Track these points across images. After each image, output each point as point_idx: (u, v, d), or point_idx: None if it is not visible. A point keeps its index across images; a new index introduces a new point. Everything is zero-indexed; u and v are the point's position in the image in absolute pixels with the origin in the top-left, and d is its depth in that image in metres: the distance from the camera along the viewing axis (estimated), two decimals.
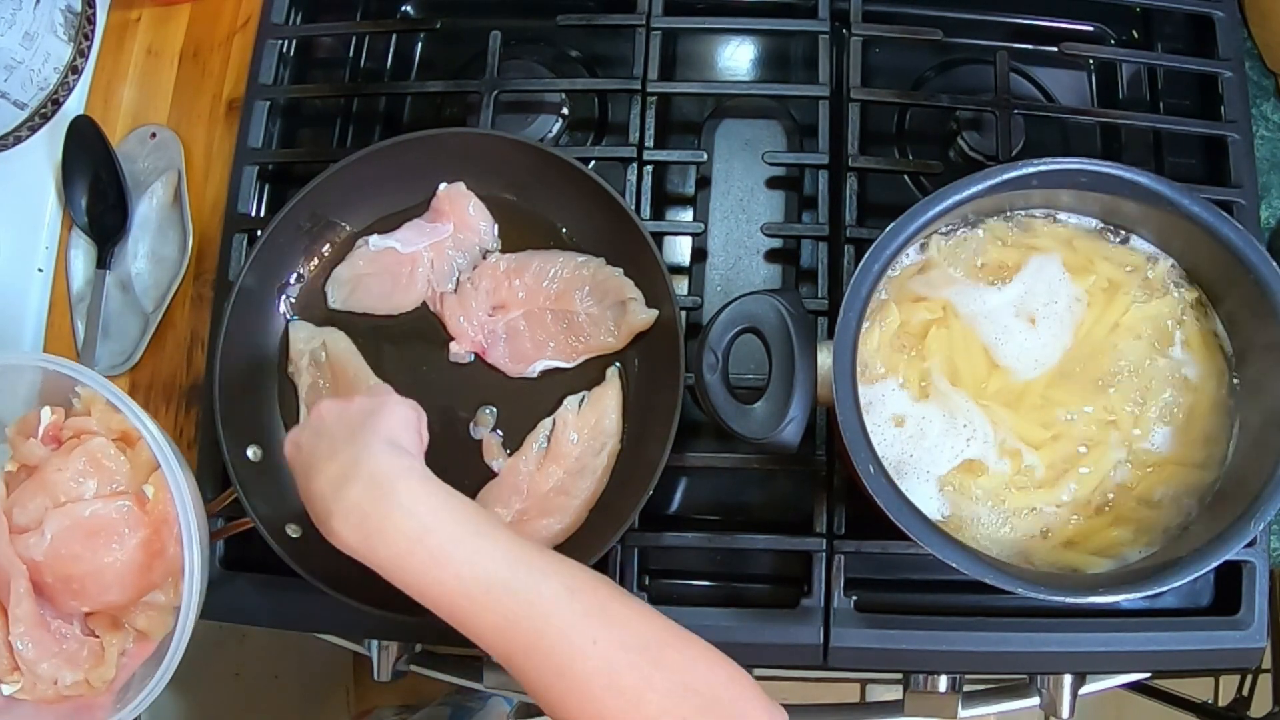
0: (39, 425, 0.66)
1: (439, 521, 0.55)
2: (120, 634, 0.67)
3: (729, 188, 0.83)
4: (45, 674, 0.64)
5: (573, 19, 0.82)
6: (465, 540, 0.54)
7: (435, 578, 0.54)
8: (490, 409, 0.75)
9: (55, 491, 0.64)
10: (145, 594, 0.65)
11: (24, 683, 0.63)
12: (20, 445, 0.66)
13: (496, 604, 0.53)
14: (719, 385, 0.60)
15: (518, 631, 0.53)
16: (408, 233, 0.77)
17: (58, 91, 0.87)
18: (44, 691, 0.64)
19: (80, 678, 0.65)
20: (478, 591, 0.53)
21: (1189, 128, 0.79)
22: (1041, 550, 0.63)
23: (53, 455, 0.65)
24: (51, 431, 0.67)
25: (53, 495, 0.64)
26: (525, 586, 0.53)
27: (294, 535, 0.71)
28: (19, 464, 0.67)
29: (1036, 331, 0.65)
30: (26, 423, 0.67)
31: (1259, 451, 0.62)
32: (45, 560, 0.63)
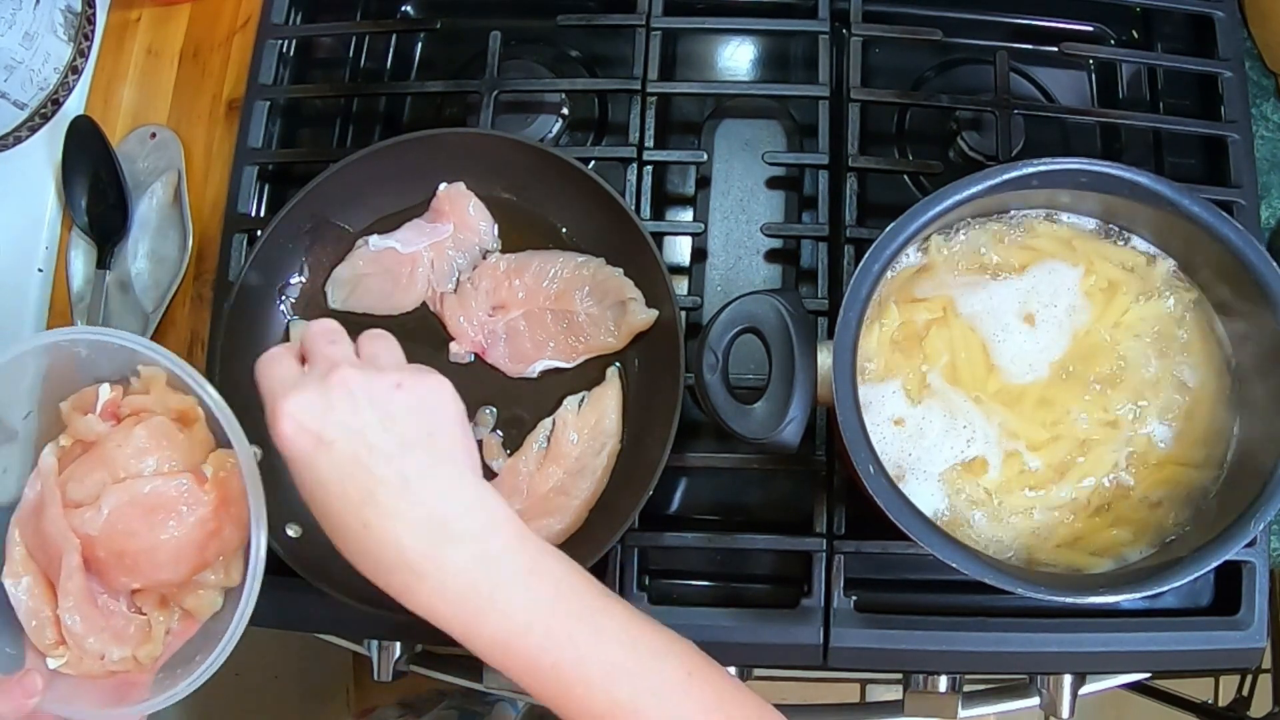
0: (97, 401, 0.65)
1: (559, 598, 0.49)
2: (167, 612, 0.66)
3: (729, 188, 0.83)
4: (92, 649, 0.63)
5: (573, 19, 0.82)
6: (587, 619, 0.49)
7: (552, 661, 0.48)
8: (490, 409, 0.75)
9: (114, 467, 0.63)
10: (197, 573, 0.64)
11: (69, 657, 0.62)
12: (77, 420, 0.65)
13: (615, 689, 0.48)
14: (719, 385, 0.60)
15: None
16: (408, 233, 0.77)
17: (58, 91, 0.87)
18: (89, 667, 0.63)
19: (127, 654, 0.64)
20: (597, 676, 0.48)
21: (1189, 128, 0.79)
22: (1041, 550, 0.63)
23: (112, 430, 0.64)
24: (109, 408, 0.65)
25: (111, 470, 0.63)
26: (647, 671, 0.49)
27: (294, 535, 0.71)
28: (73, 439, 0.65)
29: (1036, 332, 0.65)
30: (83, 398, 0.66)
31: (1259, 451, 0.62)
32: (100, 535, 0.61)
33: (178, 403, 0.65)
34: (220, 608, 0.65)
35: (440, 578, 0.47)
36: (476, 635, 0.48)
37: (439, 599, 0.47)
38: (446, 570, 0.47)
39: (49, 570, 0.63)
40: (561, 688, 0.48)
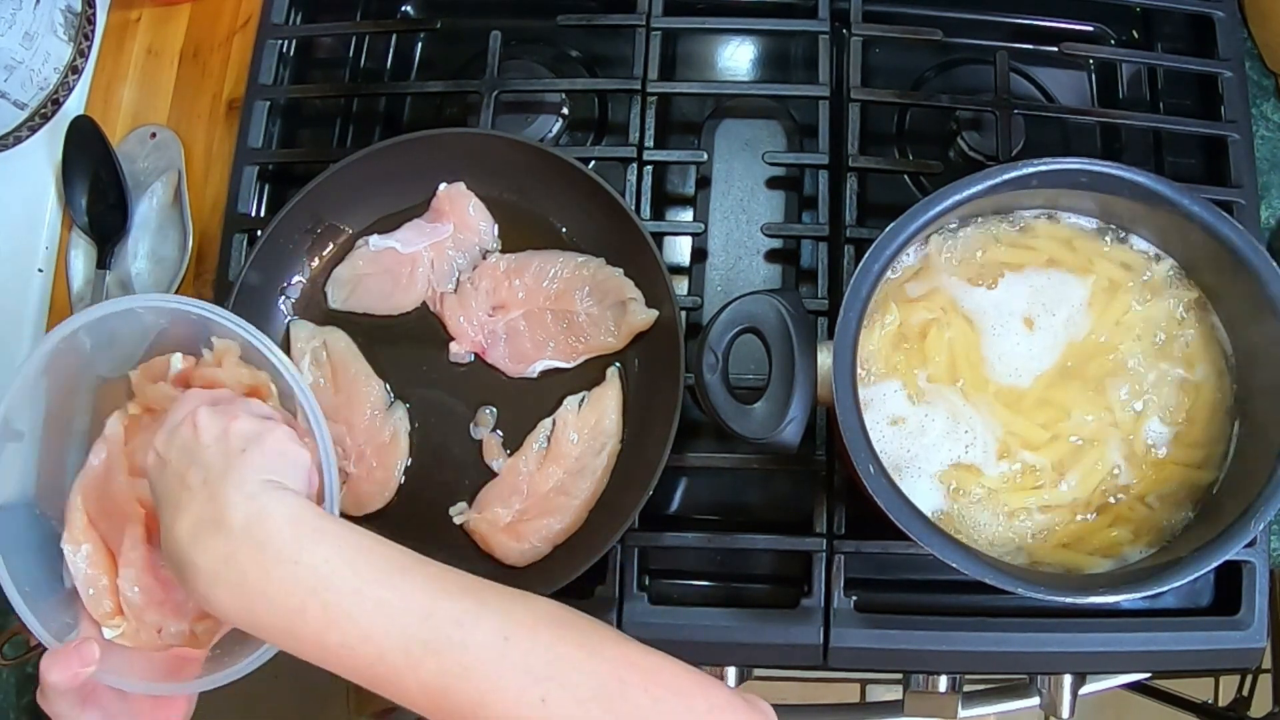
0: (168, 371, 0.64)
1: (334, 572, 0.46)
2: None
3: (729, 188, 0.83)
4: (150, 621, 0.61)
5: (573, 19, 0.82)
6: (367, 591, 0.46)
7: (337, 641, 0.45)
8: (490, 409, 0.75)
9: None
10: None
11: (126, 628, 0.61)
12: (147, 388, 0.64)
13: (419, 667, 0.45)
14: (719, 385, 0.60)
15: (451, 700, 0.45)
16: (408, 233, 0.77)
17: (58, 91, 0.87)
18: (145, 639, 0.62)
19: (184, 628, 0.62)
20: (394, 654, 0.45)
21: (1189, 128, 0.79)
22: (1041, 550, 0.63)
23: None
24: (181, 379, 0.65)
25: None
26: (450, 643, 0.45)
27: None
28: (142, 408, 0.65)
29: (1036, 332, 0.65)
30: (153, 367, 0.65)
31: (1259, 451, 0.61)
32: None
33: (250, 378, 0.64)
34: None
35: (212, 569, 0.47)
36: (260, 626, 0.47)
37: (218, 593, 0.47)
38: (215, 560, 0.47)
39: (111, 539, 0.63)
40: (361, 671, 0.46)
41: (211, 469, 0.50)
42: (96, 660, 0.55)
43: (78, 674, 0.55)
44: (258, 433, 0.52)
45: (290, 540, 0.47)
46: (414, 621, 0.45)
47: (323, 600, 0.46)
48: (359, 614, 0.46)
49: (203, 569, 0.47)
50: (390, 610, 0.46)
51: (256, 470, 0.50)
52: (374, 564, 0.47)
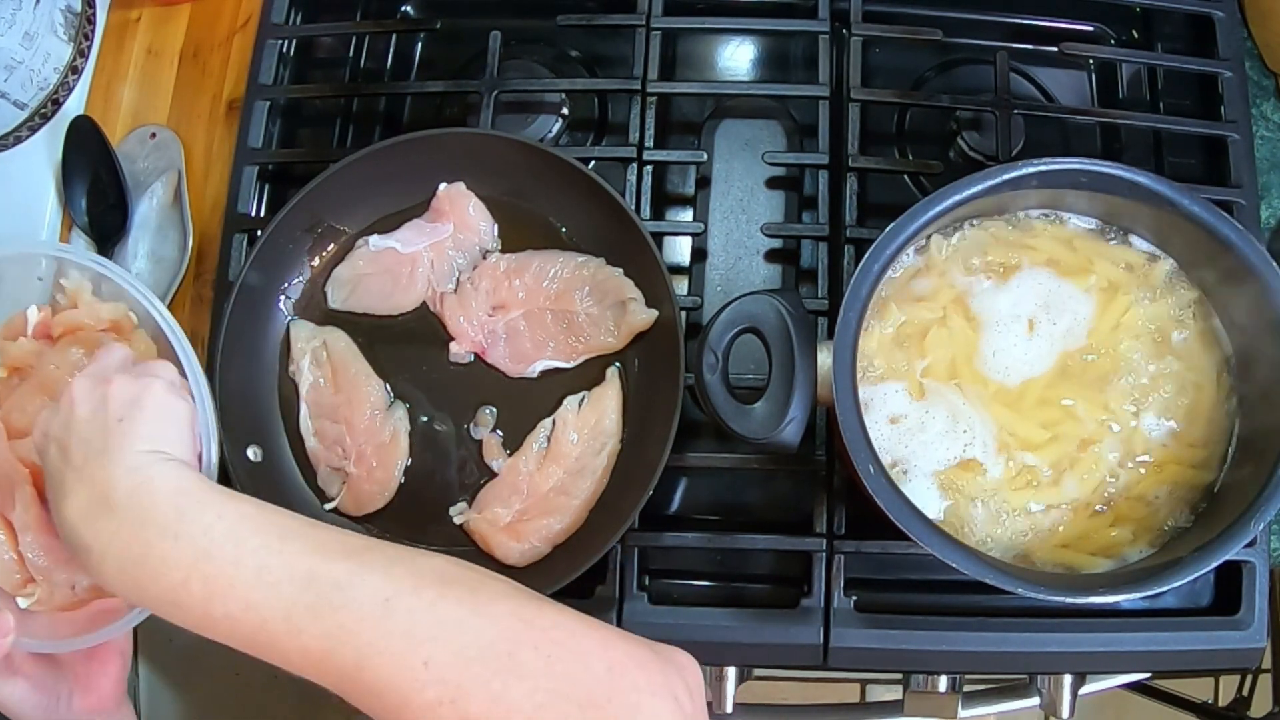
0: (27, 325, 0.65)
1: (214, 543, 0.45)
2: None
3: (729, 188, 0.83)
4: (62, 581, 0.61)
5: (573, 19, 0.82)
6: (248, 559, 0.45)
7: (221, 611, 0.45)
8: (490, 409, 0.75)
9: (53, 388, 0.62)
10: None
11: (40, 594, 0.61)
12: (9, 348, 0.64)
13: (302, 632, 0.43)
14: (719, 385, 0.60)
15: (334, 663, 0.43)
16: (408, 233, 0.77)
17: (58, 91, 0.87)
18: (62, 599, 0.62)
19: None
20: (275, 620, 0.44)
21: (1189, 128, 0.79)
22: (1041, 550, 0.63)
23: (46, 352, 0.63)
24: (41, 329, 0.65)
25: (51, 393, 0.62)
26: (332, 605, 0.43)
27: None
28: (9, 369, 0.64)
29: (1036, 332, 0.65)
30: (12, 325, 0.65)
31: (1259, 451, 0.62)
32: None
33: (109, 312, 0.64)
34: None
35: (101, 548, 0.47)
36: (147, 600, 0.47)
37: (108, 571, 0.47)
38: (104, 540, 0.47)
39: (5, 510, 0.62)
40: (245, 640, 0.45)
41: (91, 445, 0.49)
42: (12, 629, 0.55)
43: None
44: (135, 396, 0.51)
45: (171, 513, 0.46)
46: (295, 587, 0.44)
47: (203, 573, 0.45)
48: (239, 583, 0.45)
49: (92, 548, 0.47)
50: (271, 577, 0.45)
51: (137, 440, 0.49)
52: (256, 530, 0.46)
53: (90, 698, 0.61)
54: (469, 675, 0.42)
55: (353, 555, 0.46)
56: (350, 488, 0.73)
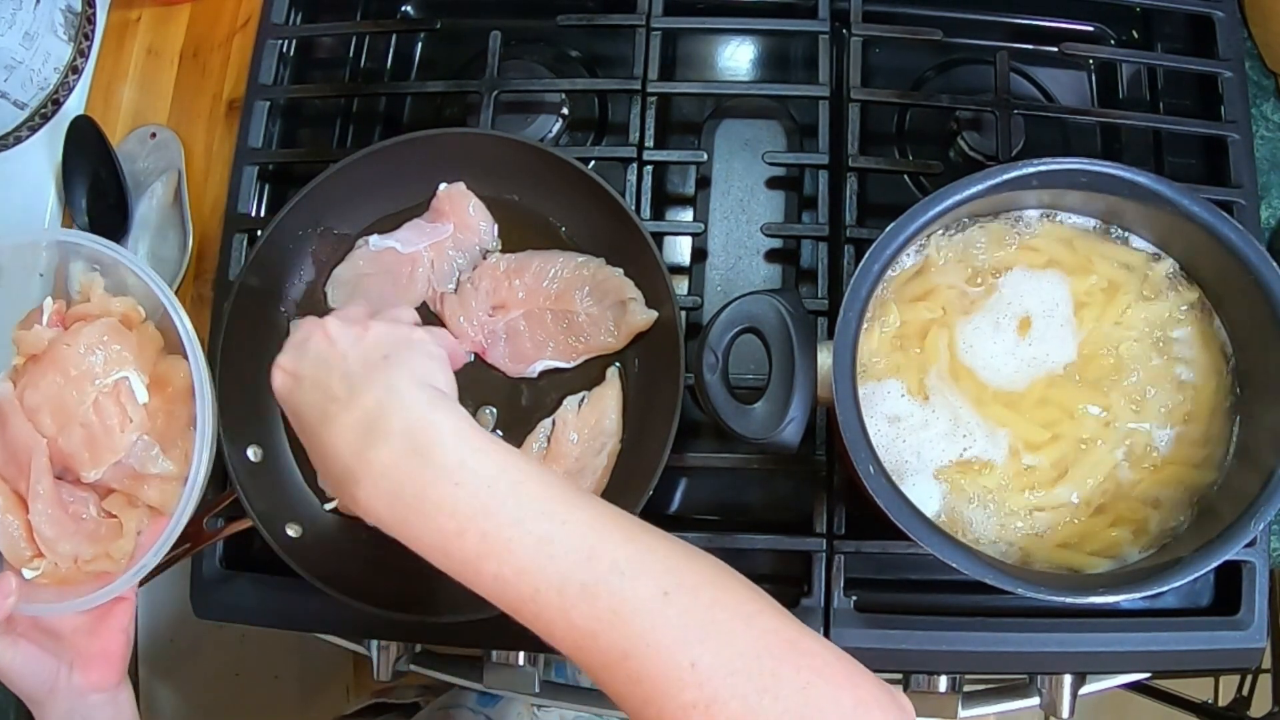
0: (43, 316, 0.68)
1: (495, 496, 0.44)
2: (136, 512, 0.67)
3: (729, 188, 0.83)
4: (66, 552, 0.64)
5: (573, 19, 0.82)
6: (531, 524, 0.44)
7: (493, 571, 0.44)
8: (490, 409, 0.75)
9: (65, 365, 0.65)
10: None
11: (45, 566, 0.64)
12: (25, 336, 0.67)
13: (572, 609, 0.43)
14: (719, 385, 0.60)
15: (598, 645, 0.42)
16: (408, 233, 0.77)
17: (58, 91, 0.87)
18: (66, 572, 0.64)
19: (100, 551, 0.65)
20: (549, 592, 0.43)
21: (1189, 128, 0.79)
22: (1041, 550, 0.63)
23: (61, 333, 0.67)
24: (55, 320, 0.68)
25: (63, 369, 0.65)
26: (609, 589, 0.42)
27: (294, 535, 0.71)
28: (25, 357, 0.68)
29: (1036, 332, 0.65)
30: (29, 319, 0.68)
31: (1259, 451, 0.62)
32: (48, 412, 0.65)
33: (120, 305, 0.68)
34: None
35: (373, 477, 0.45)
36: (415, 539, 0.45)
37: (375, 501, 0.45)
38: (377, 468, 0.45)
39: (18, 484, 0.65)
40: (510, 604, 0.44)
41: (355, 376, 0.48)
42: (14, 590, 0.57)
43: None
44: (399, 337, 0.51)
45: (453, 457, 0.44)
46: (575, 562, 0.43)
47: (481, 528, 0.44)
48: (519, 548, 0.43)
49: (362, 479, 0.45)
50: (552, 548, 0.43)
51: (410, 373, 0.48)
52: (538, 493, 0.45)
53: (91, 674, 0.62)
54: (729, 685, 0.41)
55: (633, 539, 0.45)
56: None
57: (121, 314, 0.68)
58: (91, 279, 0.69)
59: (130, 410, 0.66)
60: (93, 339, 0.66)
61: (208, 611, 0.75)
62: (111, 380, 0.66)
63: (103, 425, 0.65)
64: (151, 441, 0.67)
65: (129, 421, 0.66)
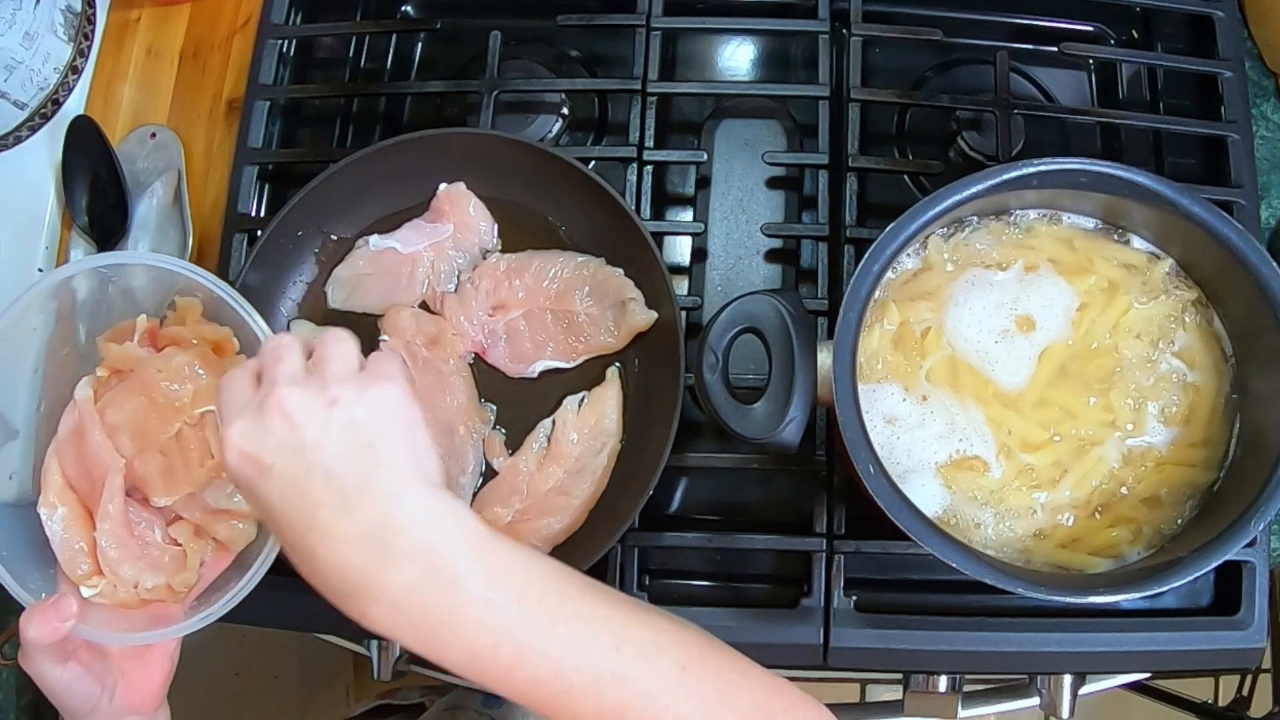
0: (134, 332, 0.66)
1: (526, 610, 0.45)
2: (201, 543, 0.66)
3: (729, 188, 0.83)
4: (127, 576, 0.62)
5: (573, 19, 0.82)
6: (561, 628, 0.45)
7: (527, 675, 0.45)
8: (490, 409, 0.75)
9: (152, 391, 0.63)
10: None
11: (103, 586, 0.62)
12: (113, 349, 0.65)
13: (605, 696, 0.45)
14: (719, 385, 0.60)
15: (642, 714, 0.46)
16: (408, 233, 0.77)
17: (58, 91, 0.87)
18: (123, 596, 0.63)
19: (162, 581, 0.63)
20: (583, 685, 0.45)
21: (1189, 128, 0.79)
22: (1041, 550, 0.63)
23: (151, 356, 0.65)
24: (147, 338, 0.66)
25: (149, 395, 0.63)
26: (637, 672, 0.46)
27: None
28: (110, 370, 0.66)
29: (1036, 333, 0.65)
30: (120, 331, 0.67)
31: (1259, 451, 0.62)
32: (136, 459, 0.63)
33: (213, 333, 0.66)
34: (254, 539, 0.65)
35: (391, 600, 0.44)
36: (442, 656, 0.45)
37: (395, 622, 0.44)
38: (396, 592, 0.44)
39: (89, 499, 0.64)
40: (543, 700, 0.46)
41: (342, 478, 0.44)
42: (74, 614, 0.56)
43: (56, 629, 0.55)
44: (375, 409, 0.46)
45: (478, 579, 0.44)
46: (604, 655, 0.46)
47: (517, 640, 0.45)
48: (552, 650, 0.45)
49: (379, 598, 0.44)
50: (583, 645, 0.46)
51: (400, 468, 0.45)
52: (562, 594, 0.46)
53: (134, 696, 0.61)
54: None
55: (648, 623, 0.48)
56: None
57: (214, 342, 0.66)
58: (190, 302, 0.66)
59: (213, 445, 0.64)
60: (184, 369, 0.64)
61: None
62: (198, 413, 0.64)
63: (183, 456, 0.64)
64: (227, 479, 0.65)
65: (210, 457, 0.64)
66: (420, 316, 0.75)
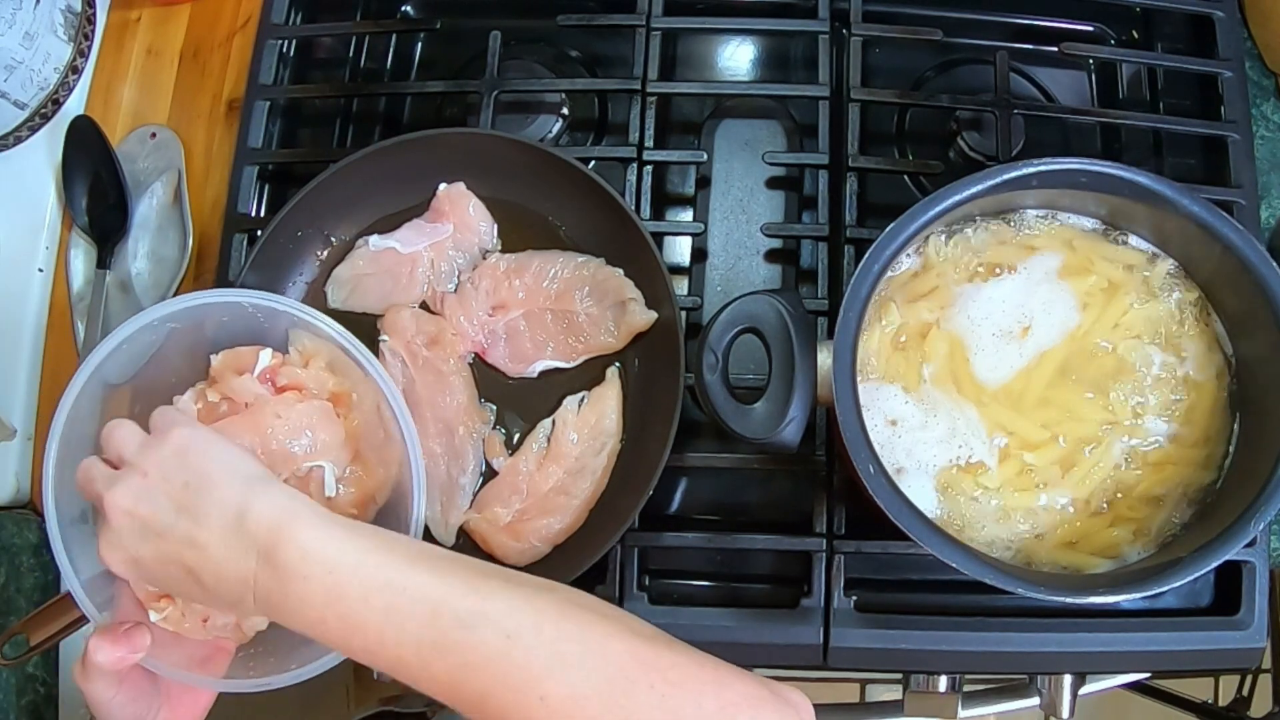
0: (255, 365, 0.64)
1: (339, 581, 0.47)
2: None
3: (729, 188, 0.83)
4: (197, 610, 0.61)
5: (573, 19, 0.82)
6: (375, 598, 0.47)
7: (359, 645, 0.48)
8: (490, 409, 0.75)
9: (266, 436, 0.62)
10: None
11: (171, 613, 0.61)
12: (229, 379, 0.64)
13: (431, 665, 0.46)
14: (719, 385, 0.60)
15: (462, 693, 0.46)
16: (408, 233, 0.77)
17: (58, 91, 0.87)
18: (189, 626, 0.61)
19: (232, 620, 0.62)
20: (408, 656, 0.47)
21: (1189, 128, 0.79)
22: (1041, 550, 0.63)
23: (271, 398, 0.64)
24: (267, 374, 0.64)
25: (263, 439, 0.62)
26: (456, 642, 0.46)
27: None
28: (221, 396, 0.64)
29: (1036, 333, 0.65)
30: (239, 358, 0.65)
31: (1259, 451, 0.61)
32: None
33: (335, 385, 0.65)
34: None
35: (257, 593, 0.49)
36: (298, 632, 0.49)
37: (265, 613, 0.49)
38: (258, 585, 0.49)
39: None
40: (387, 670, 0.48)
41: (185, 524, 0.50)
42: (145, 648, 0.56)
43: (125, 659, 0.55)
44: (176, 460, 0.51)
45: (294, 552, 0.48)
46: (421, 624, 0.46)
47: (337, 611, 0.47)
48: (370, 621, 0.47)
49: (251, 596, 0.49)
50: (399, 615, 0.47)
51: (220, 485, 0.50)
52: (378, 564, 0.48)
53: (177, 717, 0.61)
54: (580, 709, 0.44)
55: (475, 589, 0.48)
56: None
57: (334, 394, 0.65)
58: (316, 348, 0.65)
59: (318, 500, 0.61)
60: (304, 420, 0.63)
61: None
62: (307, 468, 0.63)
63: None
64: None
65: None
66: (420, 316, 0.75)
